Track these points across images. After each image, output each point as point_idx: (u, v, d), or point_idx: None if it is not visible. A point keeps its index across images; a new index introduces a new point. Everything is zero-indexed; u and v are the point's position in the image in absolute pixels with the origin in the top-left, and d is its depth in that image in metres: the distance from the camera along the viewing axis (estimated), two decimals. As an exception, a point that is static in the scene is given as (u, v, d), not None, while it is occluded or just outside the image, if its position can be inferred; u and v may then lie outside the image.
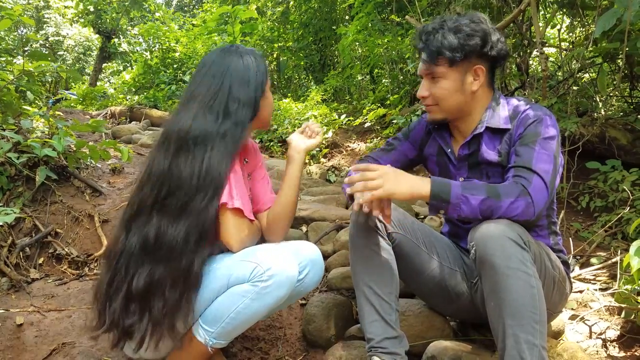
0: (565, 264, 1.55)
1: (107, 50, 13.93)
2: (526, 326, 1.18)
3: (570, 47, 3.96)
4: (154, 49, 9.83)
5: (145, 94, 8.67)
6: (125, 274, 1.37)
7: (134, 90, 9.37)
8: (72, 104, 9.57)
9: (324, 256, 2.35)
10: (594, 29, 2.61)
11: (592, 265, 2.30)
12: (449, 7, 4.51)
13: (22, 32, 14.60)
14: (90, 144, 2.93)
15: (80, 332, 1.85)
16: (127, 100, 8.66)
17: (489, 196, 1.29)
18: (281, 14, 9.30)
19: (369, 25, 5.83)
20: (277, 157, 5.65)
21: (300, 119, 6.28)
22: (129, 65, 13.34)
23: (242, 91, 1.45)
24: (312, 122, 1.65)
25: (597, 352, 1.71)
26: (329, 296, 1.94)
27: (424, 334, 1.68)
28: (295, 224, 2.65)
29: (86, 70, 16.35)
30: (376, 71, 6.77)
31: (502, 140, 1.51)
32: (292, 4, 9.14)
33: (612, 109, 3.84)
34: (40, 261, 2.46)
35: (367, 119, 5.44)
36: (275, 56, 9.20)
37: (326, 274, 2.23)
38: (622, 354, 1.68)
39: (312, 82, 9.11)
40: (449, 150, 1.63)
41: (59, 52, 15.42)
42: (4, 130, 2.72)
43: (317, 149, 5.52)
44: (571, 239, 2.55)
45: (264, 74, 1.51)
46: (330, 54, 8.78)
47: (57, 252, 2.50)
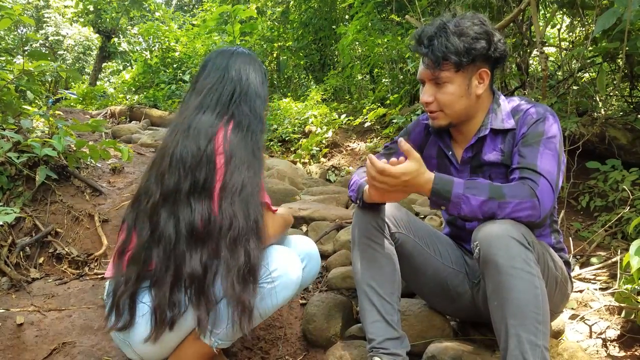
0: (566, 264, 1.55)
1: (107, 49, 13.91)
2: (529, 326, 1.18)
3: (570, 46, 3.96)
4: (153, 49, 9.83)
5: (145, 93, 8.67)
6: (167, 264, 1.31)
7: (133, 89, 9.37)
8: (72, 104, 9.55)
9: (325, 256, 2.36)
10: (593, 28, 2.60)
11: (592, 264, 2.30)
12: (449, 7, 4.50)
13: (22, 31, 14.60)
14: (90, 143, 2.92)
15: (80, 332, 1.85)
16: (127, 99, 8.66)
17: (492, 197, 1.28)
18: (281, 13, 9.30)
19: (369, 24, 5.83)
20: (277, 157, 5.65)
21: (300, 119, 6.28)
22: (128, 64, 13.32)
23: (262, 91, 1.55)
24: None
25: (597, 351, 1.71)
26: (330, 296, 1.94)
27: (424, 334, 1.68)
28: (295, 223, 2.65)
29: (86, 69, 16.32)
30: (376, 71, 6.77)
31: (505, 139, 1.50)
32: (292, 3, 9.14)
33: (612, 108, 3.84)
34: (40, 261, 2.46)
35: (367, 118, 5.44)
36: (275, 56, 9.20)
37: (326, 273, 2.23)
38: (622, 354, 1.68)
39: (312, 82, 9.11)
40: (450, 152, 1.62)
41: (59, 52, 15.40)
42: (4, 129, 2.72)
43: (317, 148, 5.52)
44: (571, 239, 2.56)
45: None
46: (330, 54, 8.77)
47: (57, 251, 2.50)
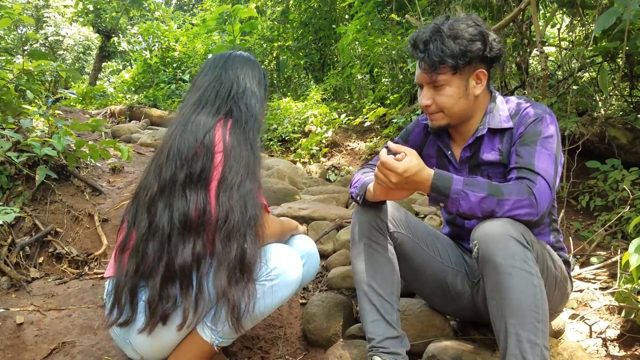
0: (566, 263, 1.55)
1: (106, 49, 13.91)
2: (528, 325, 1.18)
3: (570, 46, 3.96)
4: (153, 48, 9.83)
5: (144, 93, 8.67)
6: (160, 255, 1.31)
7: (133, 89, 9.37)
8: (71, 103, 9.56)
9: (325, 255, 2.36)
10: (593, 28, 2.60)
11: (592, 264, 2.30)
12: (449, 6, 4.50)
13: (22, 31, 14.59)
14: (90, 143, 2.92)
15: (80, 331, 1.85)
16: (126, 99, 8.66)
17: (491, 194, 1.29)
18: (281, 13, 9.29)
19: (369, 24, 5.83)
20: (277, 157, 5.65)
21: (300, 118, 6.28)
22: (128, 64, 13.33)
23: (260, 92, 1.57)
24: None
25: (597, 351, 1.71)
26: (330, 295, 1.94)
27: (424, 333, 1.68)
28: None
29: (86, 69, 16.32)
30: (376, 70, 6.76)
31: (502, 139, 1.50)
32: (291, 3, 9.13)
33: (612, 108, 3.84)
34: (40, 260, 2.46)
35: (367, 118, 5.44)
36: (275, 55, 9.19)
37: (326, 273, 2.23)
38: (622, 353, 1.68)
39: (311, 82, 9.10)
40: (449, 152, 1.62)
41: (59, 52, 15.39)
42: (4, 129, 2.72)
43: (317, 148, 5.52)
44: (571, 238, 2.56)
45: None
46: (330, 53, 8.76)
47: (57, 251, 2.50)
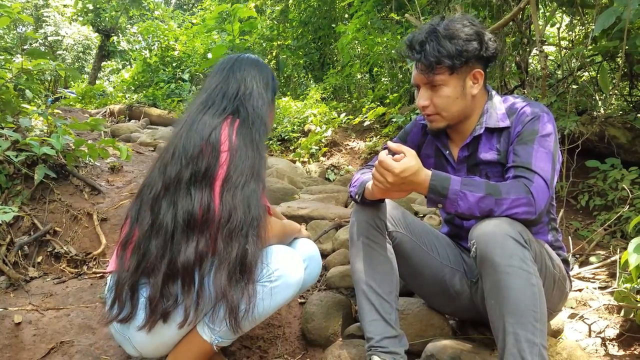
0: (565, 262, 1.55)
1: (106, 48, 13.91)
2: (526, 324, 1.18)
3: (569, 45, 3.96)
4: (153, 48, 9.82)
5: (144, 92, 8.66)
6: (162, 253, 1.31)
7: (133, 88, 9.36)
8: (71, 103, 9.55)
9: (324, 255, 2.35)
10: (593, 27, 2.60)
11: (592, 263, 2.30)
12: (448, 5, 4.50)
13: (21, 30, 14.58)
14: (89, 142, 2.92)
15: (78, 331, 1.85)
16: (126, 98, 8.65)
17: (489, 194, 1.29)
18: (280, 12, 9.28)
19: (369, 23, 5.82)
20: (276, 156, 5.65)
21: (299, 118, 6.28)
22: (128, 63, 13.31)
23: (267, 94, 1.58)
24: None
25: (596, 350, 1.71)
26: (328, 295, 1.94)
27: (423, 333, 1.68)
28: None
29: (85, 68, 16.31)
30: (375, 69, 6.76)
31: (500, 138, 1.50)
32: (291, 2, 9.12)
33: (611, 107, 3.83)
34: (38, 260, 2.46)
35: (366, 117, 5.44)
36: (274, 55, 9.19)
37: (325, 272, 2.23)
38: (622, 353, 1.68)
39: (311, 81, 9.10)
40: (447, 152, 1.62)
41: (58, 52, 15.38)
42: (3, 128, 2.71)
43: (317, 147, 5.52)
44: (570, 238, 2.55)
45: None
46: (329, 53, 8.75)
47: (55, 250, 2.50)
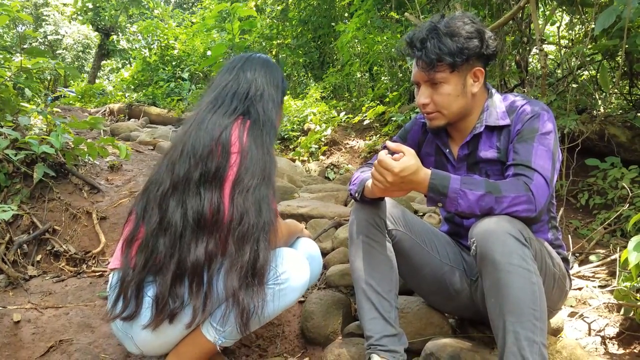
0: (565, 260, 1.55)
1: (105, 47, 13.89)
2: (526, 323, 1.17)
3: (569, 44, 3.96)
4: (152, 47, 9.81)
5: (144, 91, 8.65)
6: (171, 252, 1.31)
7: (132, 87, 9.35)
8: (70, 101, 9.54)
9: (323, 254, 2.35)
10: (593, 26, 2.60)
11: (591, 262, 2.30)
12: (448, 4, 4.50)
13: (21, 29, 14.55)
14: (88, 141, 2.91)
15: (77, 329, 1.85)
16: (125, 97, 8.64)
17: (489, 192, 1.28)
18: (280, 11, 9.28)
19: (368, 22, 5.82)
20: (276, 155, 5.64)
21: (299, 116, 6.28)
22: (127, 62, 13.30)
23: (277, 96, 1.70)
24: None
25: (596, 349, 1.71)
26: (328, 293, 1.94)
27: (422, 331, 1.68)
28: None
29: (85, 67, 16.30)
30: (375, 68, 6.76)
31: (500, 136, 1.50)
32: (290, 1, 9.11)
33: (611, 106, 3.84)
34: (38, 258, 2.45)
35: (366, 116, 5.44)
36: (274, 53, 9.17)
37: (325, 271, 2.23)
38: (621, 351, 1.68)
39: (311, 80, 9.10)
40: (447, 150, 1.62)
41: (58, 51, 15.36)
42: (2, 127, 2.71)
43: (316, 146, 5.51)
44: (570, 236, 2.55)
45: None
46: (329, 51, 8.75)
47: (54, 249, 2.50)
